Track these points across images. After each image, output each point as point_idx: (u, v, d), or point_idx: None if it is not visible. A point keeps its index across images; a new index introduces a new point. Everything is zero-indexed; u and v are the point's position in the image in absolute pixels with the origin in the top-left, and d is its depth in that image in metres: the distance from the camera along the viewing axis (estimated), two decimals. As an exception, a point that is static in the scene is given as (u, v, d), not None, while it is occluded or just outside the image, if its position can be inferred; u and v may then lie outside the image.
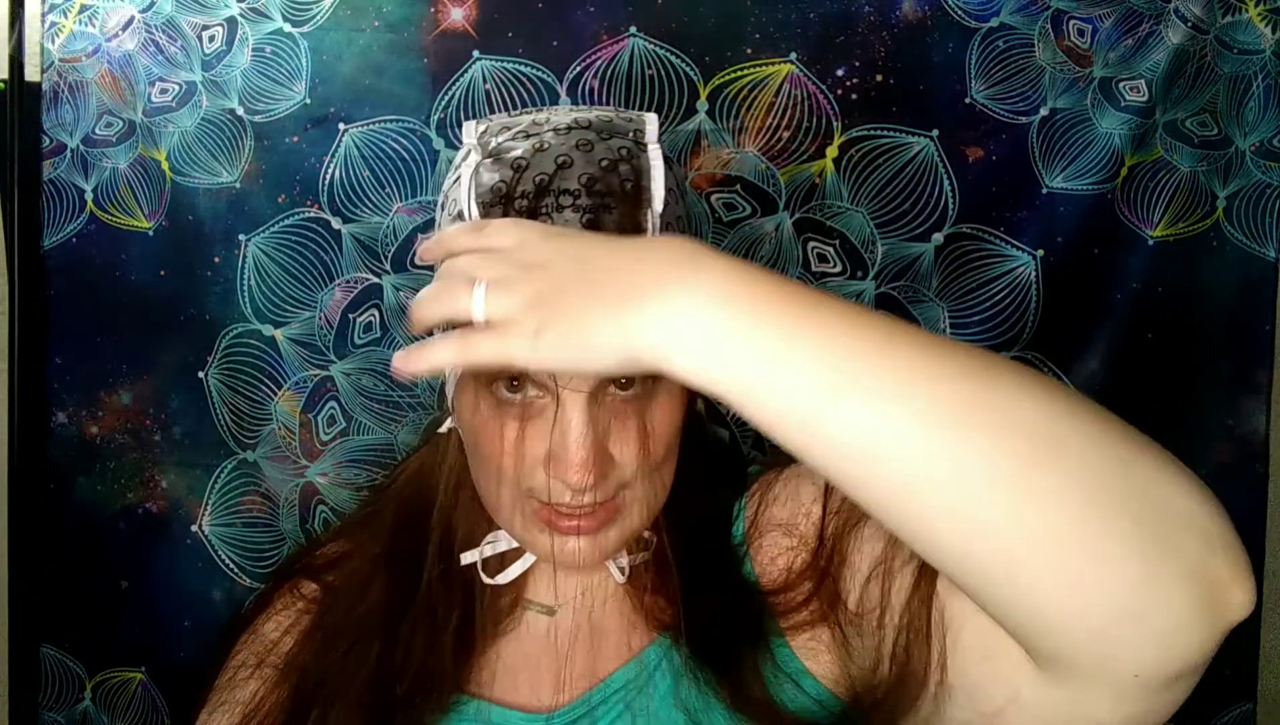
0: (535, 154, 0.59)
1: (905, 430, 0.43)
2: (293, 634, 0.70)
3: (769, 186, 1.07)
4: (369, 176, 1.08)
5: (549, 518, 0.61)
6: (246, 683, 0.69)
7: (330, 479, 1.12)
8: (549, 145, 0.59)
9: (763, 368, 0.44)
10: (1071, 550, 0.42)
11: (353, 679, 0.65)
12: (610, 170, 0.58)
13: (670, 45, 1.06)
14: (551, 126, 0.61)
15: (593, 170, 0.58)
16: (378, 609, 0.68)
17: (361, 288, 1.10)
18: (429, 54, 1.07)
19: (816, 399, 0.44)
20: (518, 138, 0.60)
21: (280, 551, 1.13)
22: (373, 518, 0.74)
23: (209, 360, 1.12)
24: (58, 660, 1.15)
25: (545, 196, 0.57)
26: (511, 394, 0.60)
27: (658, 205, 0.59)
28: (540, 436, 0.59)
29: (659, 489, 0.63)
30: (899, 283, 1.08)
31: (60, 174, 1.12)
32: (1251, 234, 1.08)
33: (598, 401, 0.59)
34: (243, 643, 0.72)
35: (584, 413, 0.58)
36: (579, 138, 0.60)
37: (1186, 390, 1.09)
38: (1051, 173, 1.06)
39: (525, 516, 0.62)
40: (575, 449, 0.58)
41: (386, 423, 1.11)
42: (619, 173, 0.58)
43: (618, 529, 0.62)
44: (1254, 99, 1.06)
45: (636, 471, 0.61)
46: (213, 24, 1.09)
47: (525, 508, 0.62)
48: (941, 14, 1.05)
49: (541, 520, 0.61)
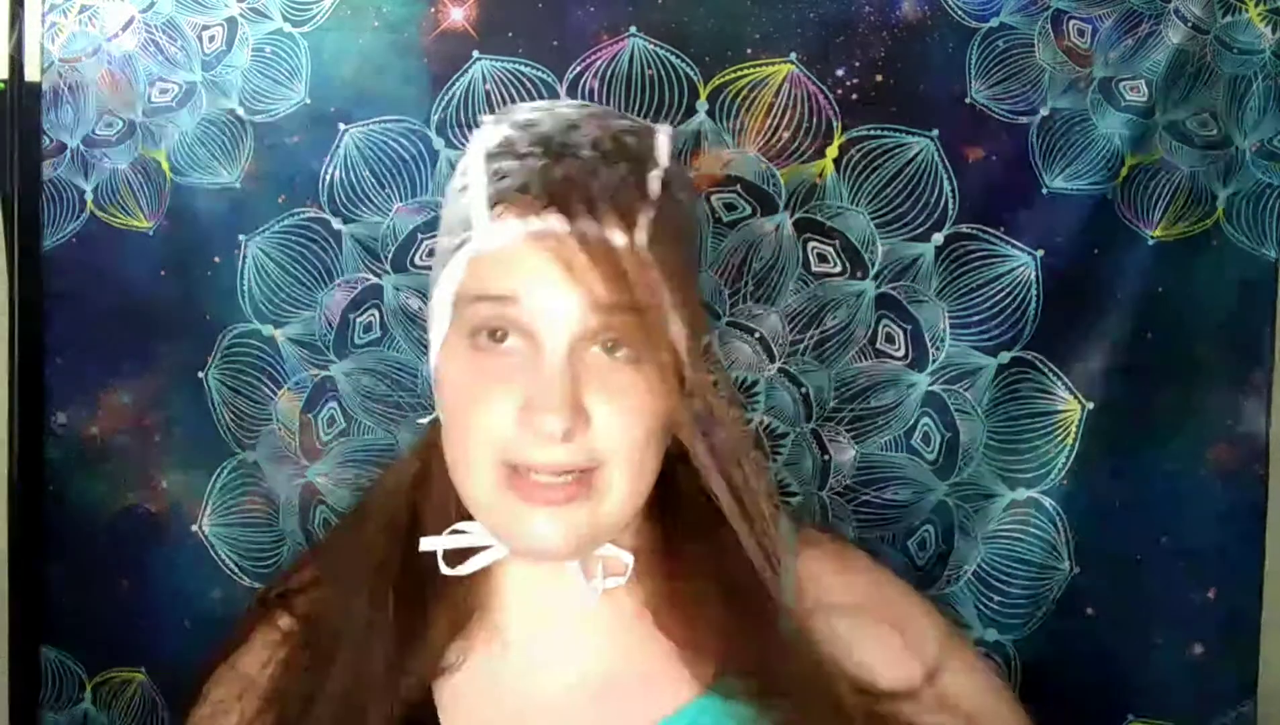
0: (547, 116, 0.61)
1: None
2: (272, 666, 0.69)
3: (769, 186, 1.07)
4: (369, 176, 1.08)
5: (520, 485, 0.59)
6: (228, 715, 0.68)
7: (330, 479, 1.12)
8: (560, 113, 0.61)
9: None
10: None
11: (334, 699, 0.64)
12: (618, 138, 0.60)
13: (670, 45, 1.06)
14: (567, 104, 0.64)
15: (599, 134, 0.59)
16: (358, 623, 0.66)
17: (362, 288, 1.10)
18: (429, 54, 1.07)
19: None
20: (533, 112, 0.63)
21: (280, 551, 1.13)
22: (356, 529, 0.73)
23: (209, 360, 1.12)
24: (58, 660, 1.15)
25: (550, 147, 0.58)
26: (494, 343, 0.60)
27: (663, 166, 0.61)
28: (520, 384, 0.58)
29: (636, 481, 0.61)
30: (899, 283, 1.08)
31: (60, 174, 1.12)
32: (1251, 234, 1.08)
33: (580, 355, 0.58)
34: (220, 679, 0.70)
35: (565, 359, 0.58)
36: (591, 111, 0.62)
37: (1186, 390, 1.09)
38: (1051, 173, 1.06)
39: (498, 486, 0.60)
40: (553, 389, 0.57)
41: (387, 423, 1.10)
42: (625, 142, 0.60)
43: (589, 511, 0.60)
44: (1254, 99, 1.06)
45: (614, 445, 0.59)
46: (213, 24, 1.09)
47: (498, 476, 0.60)
48: (941, 14, 1.05)
49: (514, 488, 0.60)
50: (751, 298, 1.08)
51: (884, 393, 1.09)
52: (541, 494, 0.59)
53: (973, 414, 1.08)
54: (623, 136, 0.60)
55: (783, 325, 1.09)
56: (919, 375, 1.09)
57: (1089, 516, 1.09)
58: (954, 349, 1.08)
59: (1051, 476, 1.09)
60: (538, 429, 0.57)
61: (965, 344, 1.08)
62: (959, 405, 1.08)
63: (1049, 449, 1.09)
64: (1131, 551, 1.10)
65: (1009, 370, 1.08)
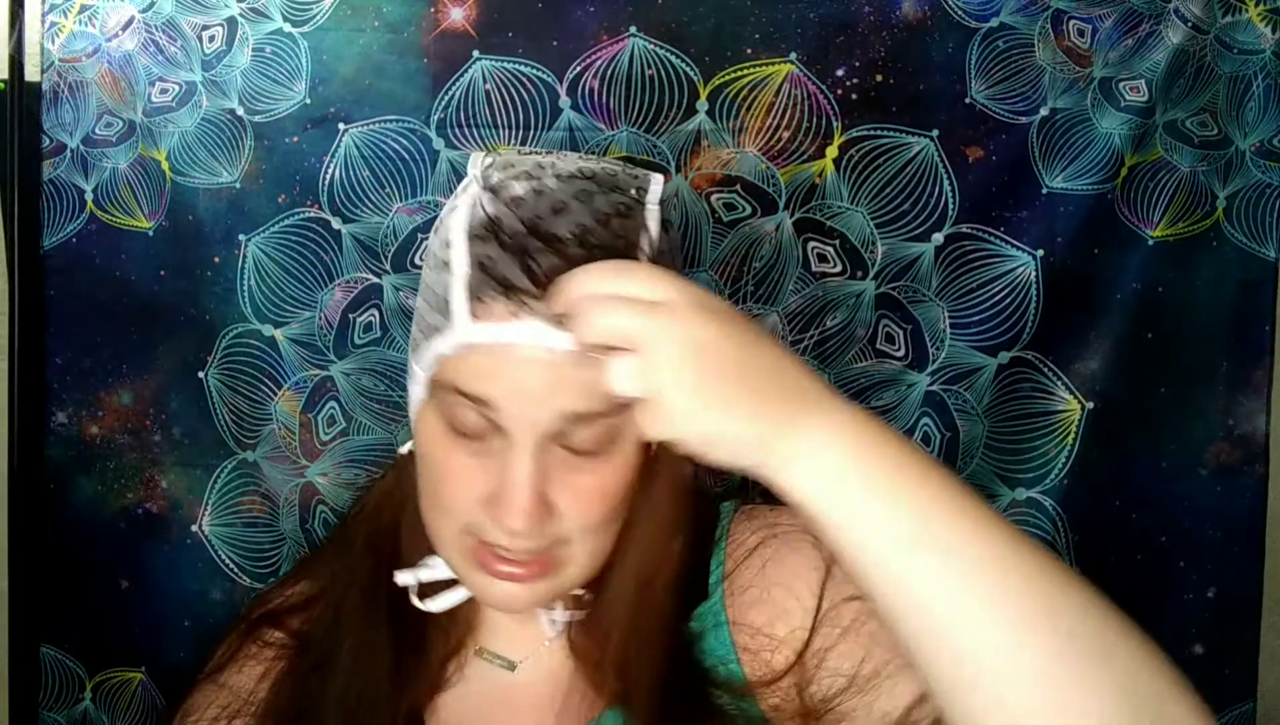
0: (534, 196, 0.58)
1: (972, 612, 0.47)
2: (265, 682, 0.69)
3: (769, 186, 1.08)
4: (369, 176, 1.08)
5: (484, 558, 0.60)
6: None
7: (330, 479, 1.12)
8: (548, 190, 0.59)
9: (869, 512, 0.49)
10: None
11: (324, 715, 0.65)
12: (604, 224, 0.58)
13: (670, 45, 1.06)
14: (555, 172, 0.60)
15: (586, 221, 0.57)
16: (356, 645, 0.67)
17: (361, 288, 1.10)
18: (429, 54, 1.07)
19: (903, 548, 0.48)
20: (520, 177, 0.60)
21: (280, 551, 1.13)
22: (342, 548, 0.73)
23: (209, 360, 1.12)
24: (58, 660, 1.15)
25: (534, 238, 0.56)
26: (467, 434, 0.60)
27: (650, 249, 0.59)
28: (487, 474, 0.59)
29: (598, 550, 0.63)
30: (899, 283, 1.08)
31: (60, 174, 1.12)
32: (1251, 234, 1.08)
33: (549, 449, 0.58)
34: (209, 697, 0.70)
35: (533, 458, 0.57)
36: (580, 187, 0.59)
37: (1186, 390, 1.09)
38: (1051, 173, 1.06)
39: (463, 552, 0.62)
40: (518, 493, 0.57)
41: (386, 423, 1.11)
42: (612, 228, 0.58)
43: (550, 581, 0.62)
44: (1254, 99, 1.06)
45: (577, 527, 0.60)
46: (213, 24, 1.09)
47: (464, 543, 0.61)
48: (941, 14, 1.05)
49: (477, 559, 0.61)
50: (751, 298, 1.08)
51: (884, 393, 1.09)
52: (505, 571, 0.60)
53: (972, 414, 1.08)
54: (611, 221, 0.58)
55: (783, 325, 1.09)
56: (919, 375, 1.09)
57: (1089, 516, 1.09)
58: (954, 349, 1.08)
59: (1051, 476, 1.09)
60: (500, 524, 0.58)
61: (965, 344, 1.08)
62: (959, 405, 1.08)
63: (1049, 449, 1.09)
64: (1131, 551, 1.10)
65: (1009, 370, 1.08)
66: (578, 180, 0.60)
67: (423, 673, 0.68)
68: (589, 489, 0.60)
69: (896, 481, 0.49)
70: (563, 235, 0.56)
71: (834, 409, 0.51)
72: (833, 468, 0.49)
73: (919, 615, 0.48)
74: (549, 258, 0.56)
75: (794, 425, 0.50)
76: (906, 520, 0.49)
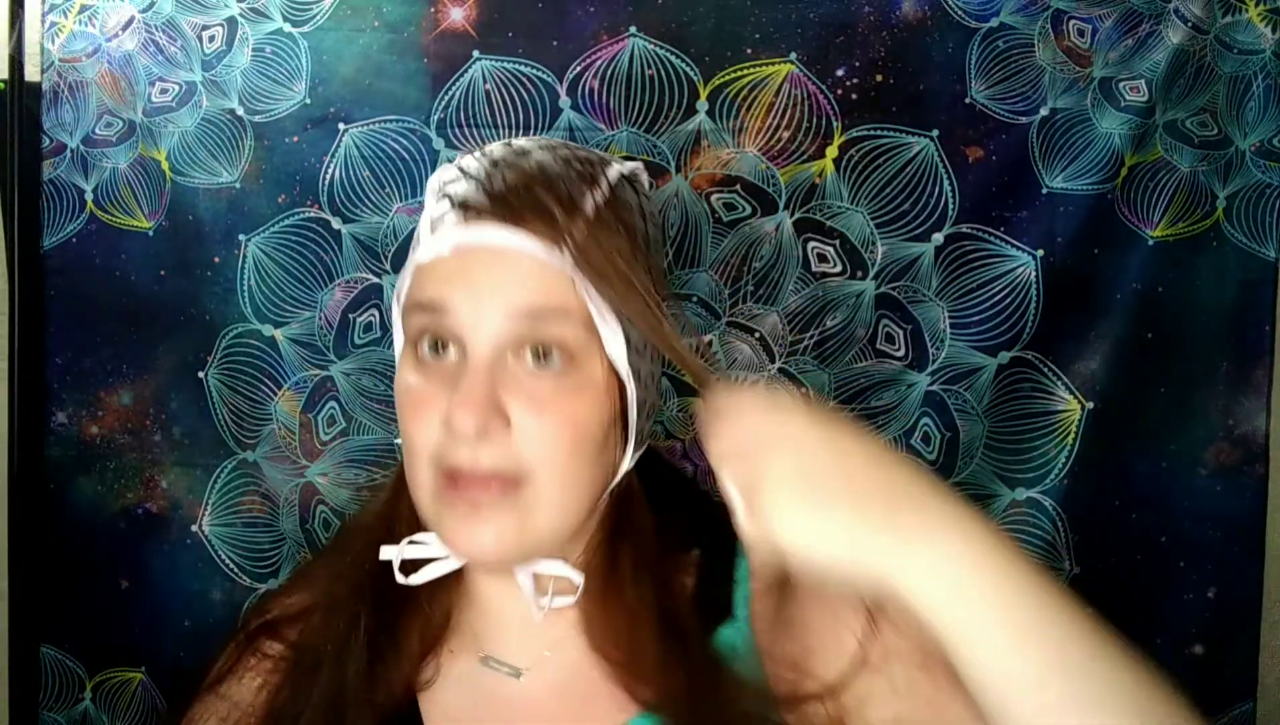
0: (502, 146, 0.64)
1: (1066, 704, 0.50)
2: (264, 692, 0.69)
3: (769, 186, 1.07)
4: (369, 176, 1.08)
5: (447, 488, 0.60)
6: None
7: (330, 479, 1.12)
8: (516, 144, 0.64)
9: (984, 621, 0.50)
10: None
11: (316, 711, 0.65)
12: (567, 162, 0.62)
13: (670, 45, 1.06)
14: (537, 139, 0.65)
15: (546, 160, 0.61)
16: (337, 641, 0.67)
17: (361, 288, 1.10)
18: (429, 54, 1.07)
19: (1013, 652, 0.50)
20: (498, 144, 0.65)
21: (280, 551, 1.13)
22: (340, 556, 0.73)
23: (209, 360, 1.12)
24: (58, 660, 1.15)
25: (495, 168, 0.61)
26: (435, 356, 0.61)
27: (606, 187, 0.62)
28: (449, 394, 0.59)
29: (567, 499, 0.62)
30: (899, 283, 1.08)
31: (60, 174, 1.12)
32: (1251, 234, 1.08)
33: (505, 362, 0.59)
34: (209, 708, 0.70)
35: (486, 363, 0.59)
36: (546, 144, 0.64)
37: (1186, 390, 1.09)
38: (1051, 173, 1.06)
39: (434, 494, 0.61)
40: (467, 391, 0.58)
41: (386, 423, 1.10)
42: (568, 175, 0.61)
43: (517, 519, 0.61)
44: (1254, 99, 1.06)
45: (538, 454, 0.60)
46: (213, 24, 1.09)
47: (435, 484, 0.61)
48: (941, 14, 1.05)
49: (444, 495, 0.61)
50: (751, 298, 1.08)
51: (884, 393, 1.09)
52: (468, 495, 0.60)
53: (972, 414, 1.08)
54: (571, 161, 0.62)
55: (783, 325, 1.09)
56: (919, 375, 1.09)
57: (1089, 516, 1.09)
58: (954, 349, 1.08)
59: (1051, 476, 1.09)
60: (453, 428, 0.59)
61: (965, 344, 1.08)
62: (959, 405, 1.08)
63: (1049, 449, 1.09)
64: (1131, 551, 1.10)
65: (1009, 370, 1.08)
66: (552, 142, 0.64)
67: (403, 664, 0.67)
68: (545, 402, 0.60)
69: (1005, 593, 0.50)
70: (522, 165, 0.61)
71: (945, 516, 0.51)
72: (951, 577, 0.50)
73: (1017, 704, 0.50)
74: (502, 179, 0.60)
75: (905, 529, 0.50)
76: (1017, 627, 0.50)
